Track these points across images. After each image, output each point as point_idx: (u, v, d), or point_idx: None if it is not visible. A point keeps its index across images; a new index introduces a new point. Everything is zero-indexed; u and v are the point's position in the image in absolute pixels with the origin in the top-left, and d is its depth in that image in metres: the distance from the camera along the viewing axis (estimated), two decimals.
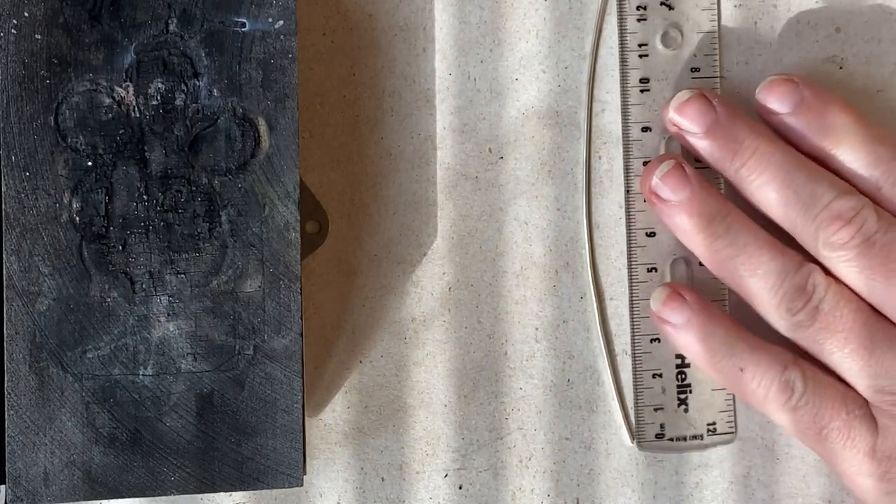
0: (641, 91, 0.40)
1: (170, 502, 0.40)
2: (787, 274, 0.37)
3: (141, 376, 0.35)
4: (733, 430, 0.41)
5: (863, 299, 0.37)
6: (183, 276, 0.36)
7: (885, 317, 0.37)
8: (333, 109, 0.40)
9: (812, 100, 0.37)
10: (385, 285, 0.40)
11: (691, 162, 0.39)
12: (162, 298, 0.36)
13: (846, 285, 0.37)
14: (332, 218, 0.40)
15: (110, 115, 0.35)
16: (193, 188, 0.36)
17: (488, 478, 0.41)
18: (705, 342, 0.38)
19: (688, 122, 0.38)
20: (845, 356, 0.37)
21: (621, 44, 0.40)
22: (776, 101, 0.38)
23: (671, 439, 0.40)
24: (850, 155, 0.37)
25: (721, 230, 0.38)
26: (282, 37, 0.36)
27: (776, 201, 0.37)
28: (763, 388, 0.37)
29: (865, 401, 0.37)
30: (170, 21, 0.35)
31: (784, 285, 0.37)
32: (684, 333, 0.39)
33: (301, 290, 0.36)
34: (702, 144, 0.38)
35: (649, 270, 0.40)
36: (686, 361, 0.40)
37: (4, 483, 0.35)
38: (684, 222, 0.38)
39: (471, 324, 0.41)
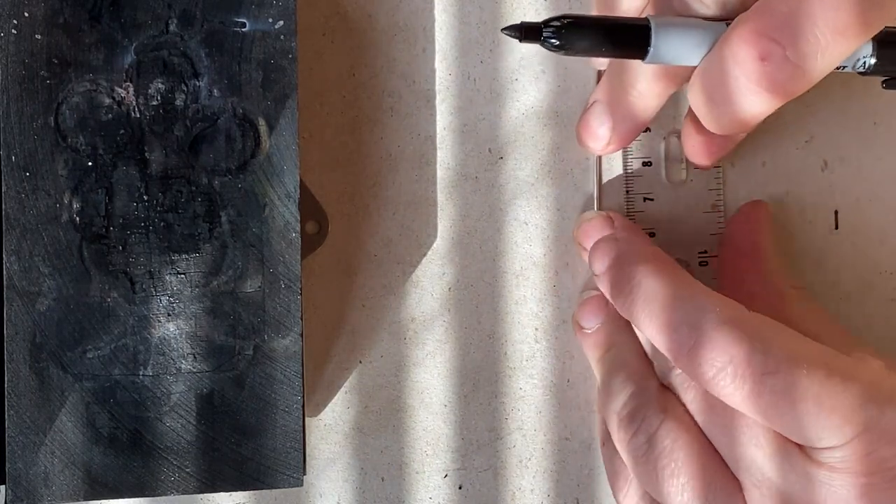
0: None
1: (170, 502, 0.40)
2: (626, 400, 0.36)
3: (141, 376, 0.35)
4: None
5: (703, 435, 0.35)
6: (183, 276, 0.36)
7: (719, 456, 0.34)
8: (333, 109, 0.40)
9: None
10: (385, 285, 0.40)
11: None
12: (162, 299, 0.36)
13: (691, 421, 0.35)
14: (332, 218, 0.40)
15: (110, 115, 0.35)
16: (193, 188, 0.36)
17: (488, 478, 0.41)
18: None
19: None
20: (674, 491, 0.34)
21: None
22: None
23: None
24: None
25: (604, 350, 0.38)
26: (282, 37, 0.36)
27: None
28: (613, 478, 0.37)
29: None
30: (170, 21, 0.35)
31: (621, 411, 0.36)
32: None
33: (301, 290, 0.36)
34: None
35: None
36: None
37: (4, 483, 0.35)
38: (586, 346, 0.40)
39: (471, 324, 0.41)
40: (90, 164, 0.35)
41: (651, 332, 0.34)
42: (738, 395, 0.32)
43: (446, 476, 0.41)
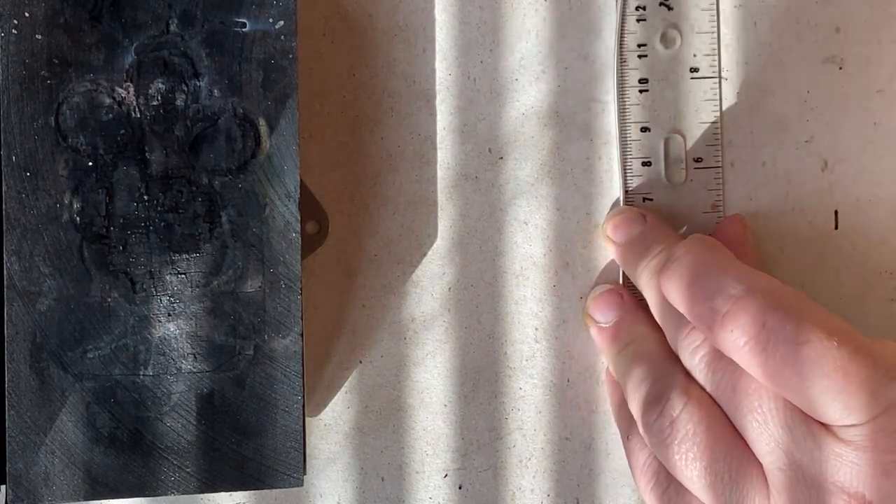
0: (640, 91, 0.40)
1: (170, 502, 0.40)
2: (650, 387, 0.36)
3: (141, 376, 0.35)
4: None
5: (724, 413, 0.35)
6: (183, 276, 0.36)
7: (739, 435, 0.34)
8: (333, 110, 0.40)
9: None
10: (385, 285, 0.40)
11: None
12: (162, 299, 0.36)
13: (714, 405, 0.35)
14: (332, 218, 0.40)
15: (111, 115, 0.35)
16: (194, 188, 0.36)
17: (488, 478, 0.41)
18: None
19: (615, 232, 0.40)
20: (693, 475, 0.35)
21: (620, 44, 0.40)
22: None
23: None
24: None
25: (623, 345, 0.39)
26: (282, 37, 0.36)
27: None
28: (636, 471, 0.37)
29: None
30: (170, 21, 0.35)
31: (645, 397, 0.36)
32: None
33: (301, 290, 0.36)
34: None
35: None
36: None
37: (5, 483, 0.35)
38: (600, 340, 0.40)
39: (471, 324, 0.41)
40: (91, 164, 0.35)
41: (685, 300, 0.34)
42: (770, 364, 0.32)
43: (446, 476, 0.41)
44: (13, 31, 0.35)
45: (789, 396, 0.32)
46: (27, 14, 0.35)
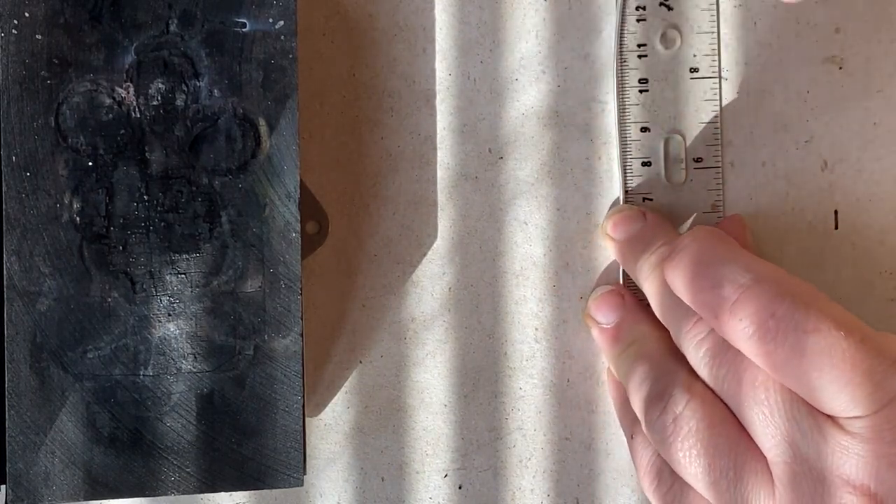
0: (640, 91, 0.40)
1: (170, 502, 0.40)
2: (652, 384, 0.36)
3: (141, 376, 0.35)
4: None
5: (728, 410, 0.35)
6: (183, 276, 0.36)
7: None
8: (333, 110, 0.40)
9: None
10: (385, 285, 0.40)
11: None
12: (162, 299, 0.36)
13: (716, 401, 0.35)
14: (332, 218, 0.40)
15: (111, 115, 0.35)
16: (194, 188, 0.36)
17: (488, 478, 0.41)
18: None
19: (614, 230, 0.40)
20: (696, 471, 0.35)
21: (620, 44, 0.40)
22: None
23: None
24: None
25: (625, 345, 0.39)
26: (282, 37, 0.36)
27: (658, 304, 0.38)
28: (640, 471, 0.37)
29: None
30: (170, 21, 0.35)
31: (648, 395, 0.36)
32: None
33: (301, 290, 0.36)
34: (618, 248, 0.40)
35: None
36: None
37: (5, 483, 0.35)
38: (601, 341, 0.40)
39: (471, 324, 0.41)
40: (90, 164, 0.35)
41: (691, 289, 0.34)
42: (779, 353, 0.32)
43: (446, 476, 0.41)
44: (13, 31, 0.35)
45: (795, 387, 0.32)
46: (27, 14, 0.35)
